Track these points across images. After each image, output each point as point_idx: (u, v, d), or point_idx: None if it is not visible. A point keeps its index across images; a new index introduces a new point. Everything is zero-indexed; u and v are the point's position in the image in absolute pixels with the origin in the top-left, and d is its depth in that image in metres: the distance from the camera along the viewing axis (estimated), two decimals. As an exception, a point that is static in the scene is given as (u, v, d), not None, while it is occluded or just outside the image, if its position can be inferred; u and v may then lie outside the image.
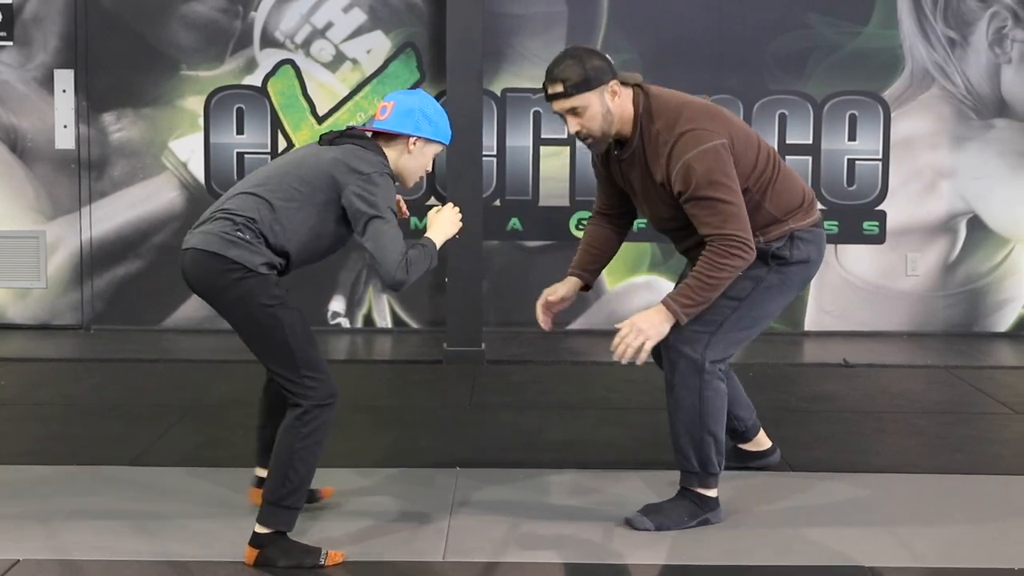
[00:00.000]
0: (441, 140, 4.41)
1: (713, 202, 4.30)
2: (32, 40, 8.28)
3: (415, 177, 4.43)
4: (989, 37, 8.26)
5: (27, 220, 8.38)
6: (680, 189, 4.32)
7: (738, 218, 4.33)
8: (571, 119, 4.42)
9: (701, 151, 4.31)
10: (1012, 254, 8.43)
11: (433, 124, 4.35)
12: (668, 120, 4.42)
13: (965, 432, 6.05)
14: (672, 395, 4.57)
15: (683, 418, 4.55)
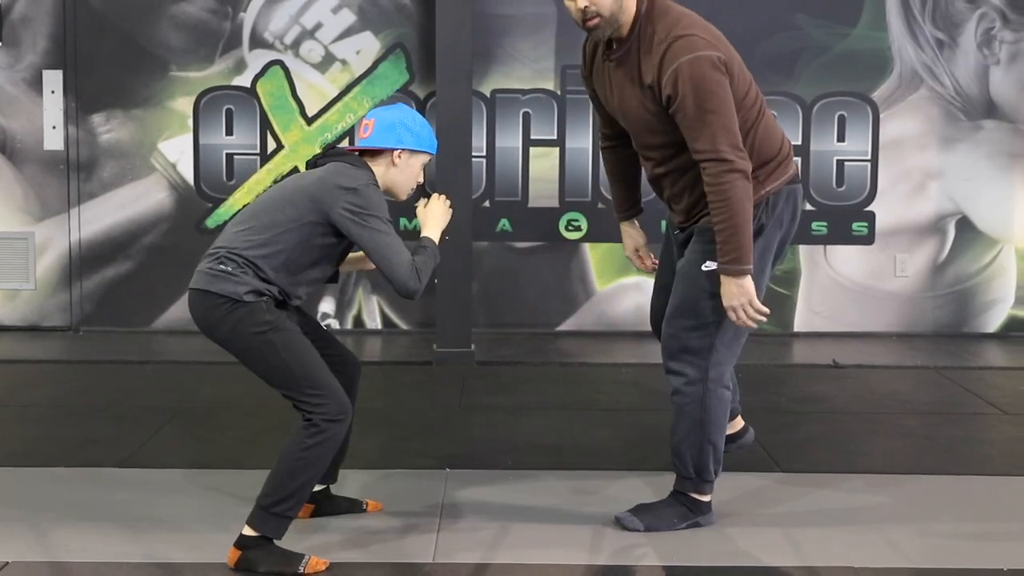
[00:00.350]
0: (426, 149, 4.38)
1: (703, 113, 4.18)
2: (21, 41, 8.26)
3: (406, 190, 4.41)
4: (977, 38, 8.27)
5: (16, 221, 8.36)
6: (670, 93, 4.19)
7: (730, 131, 4.21)
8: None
9: (696, 57, 4.20)
10: (1000, 255, 8.44)
11: (415, 135, 4.34)
12: (667, 23, 4.30)
13: (954, 433, 6.05)
14: (675, 403, 4.51)
15: (684, 426, 4.49)
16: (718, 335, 4.44)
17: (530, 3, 8.22)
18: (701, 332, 4.43)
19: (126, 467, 5.33)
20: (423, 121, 4.42)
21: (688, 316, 4.44)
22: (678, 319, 4.47)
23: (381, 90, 8.25)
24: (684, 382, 4.46)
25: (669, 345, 4.49)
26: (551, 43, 8.21)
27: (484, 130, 8.25)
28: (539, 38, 8.24)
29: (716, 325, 4.42)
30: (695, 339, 4.43)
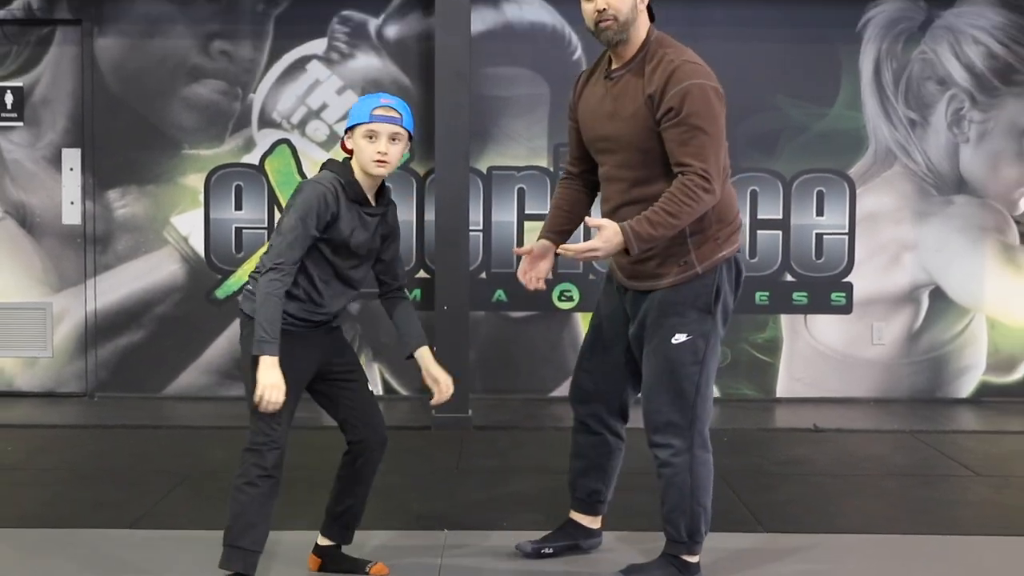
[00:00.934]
0: (356, 122, 4.31)
1: (700, 132, 4.18)
2: (41, 120, 8.32)
3: (366, 162, 4.28)
4: (948, 118, 8.34)
5: (35, 292, 8.38)
6: (673, 106, 4.17)
7: (717, 158, 4.21)
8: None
9: (705, 84, 4.23)
10: (972, 323, 8.46)
11: (350, 116, 4.35)
12: (678, 50, 4.35)
13: (929, 494, 6.05)
14: (663, 475, 4.46)
15: (675, 495, 4.45)
16: (698, 402, 4.42)
17: (524, 85, 8.29)
18: (683, 403, 4.39)
19: (137, 528, 5.31)
20: (361, 99, 4.39)
21: (669, 391, 4.39)
22: (659, 395, 4.41)
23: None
24: (671, 453, 4.42)
25: (653, 420, 4.44)
26: (544, 123, 8.27)
27: (481, 205, 8.30)
28: (533, 118, 8.30)
29: (695, 394, 4.40)
30: (678, 411, 4.40)
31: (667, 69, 4.25)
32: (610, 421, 4.74)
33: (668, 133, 4.21)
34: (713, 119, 4.22)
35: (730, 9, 8.31)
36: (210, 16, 8.26)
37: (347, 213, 4.28)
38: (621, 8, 4.27)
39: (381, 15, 8.30)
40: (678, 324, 4.35)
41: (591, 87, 4.55)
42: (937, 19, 8.33)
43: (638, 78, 4.33)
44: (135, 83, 8.29)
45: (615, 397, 4.71)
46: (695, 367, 4.38)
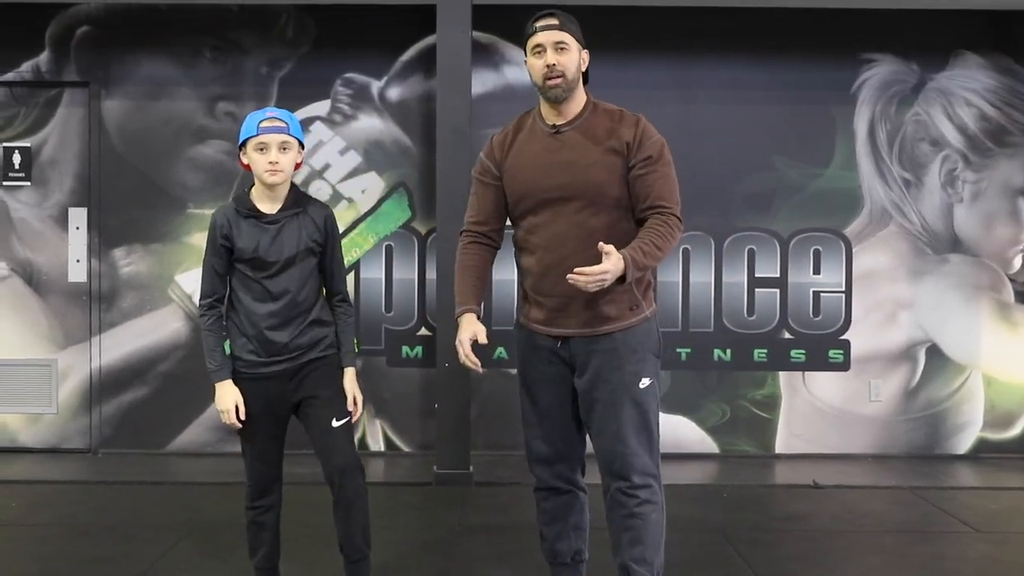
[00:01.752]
0: (243, 137, 4.48)
1: (672, 180, 4.40)
2: (49, 180, 8.33)
3: (263, 175, 4.43)
4: (941, 178, 8.35)
5: (41, 349, 8.34)
6: (651, 153, 4.36)
7: (680, 207, 4.41)
8: (552, 52, 4.38)
9: (663, 140, 4.45)
10: (969, 380, 8.42)
11: (239, 136, 4.51)
12: (620, 109, 4.51)
13: (928, 550, 5.98)
14: (641, 514, 4.38)
15: (652, 532, 4.39)
16: (657, 440, 4.46)
17: (524, 146, 8.29)
18: (651, 442, 4.42)
19: (138, 584, 5.26)
20: (248, 117, 4.52)
21: (642, 433, 4.38)
22: (635, 438, 4.37)
23: (385, 226, 8.29)
24: (651, 493, 4.40)
25: (631, 463, 4.37)
26: (544, 182, 8.27)
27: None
28: (533, 178, 8.29)
29: (656, 434, 4.45)
30: (650, 453, 4.41)
31: (638, 123, 4.43)
32: (573, 477, 4.70)
33: (645, 178, 4.35)
34: (673, 174, 4.46)
35: (726, 71, 8.34)
36: (215, 78, 8.29)
37: (244, 227, 4.45)
38: (569, 67, 4.38)
39: (383, 77, 8.33)
40: (641, 369, 4.39)
41: (525, 145, 4.51)
42: (930, 81, 8.36)
43: (598, 128, 4.42)
44: (141, 143, 8.31)
45: (574, 453, 4.66)
46: (657, 408, 4.46)
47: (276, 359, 4.51)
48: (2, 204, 8.31)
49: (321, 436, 4.58)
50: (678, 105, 8.33)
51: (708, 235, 8.34)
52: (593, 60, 4.57)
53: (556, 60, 4.36)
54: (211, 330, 4.49)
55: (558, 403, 4.57)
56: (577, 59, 4.41)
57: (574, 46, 4.41)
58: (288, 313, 4.49)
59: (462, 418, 7.52)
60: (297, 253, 4.49)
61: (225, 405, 4.46)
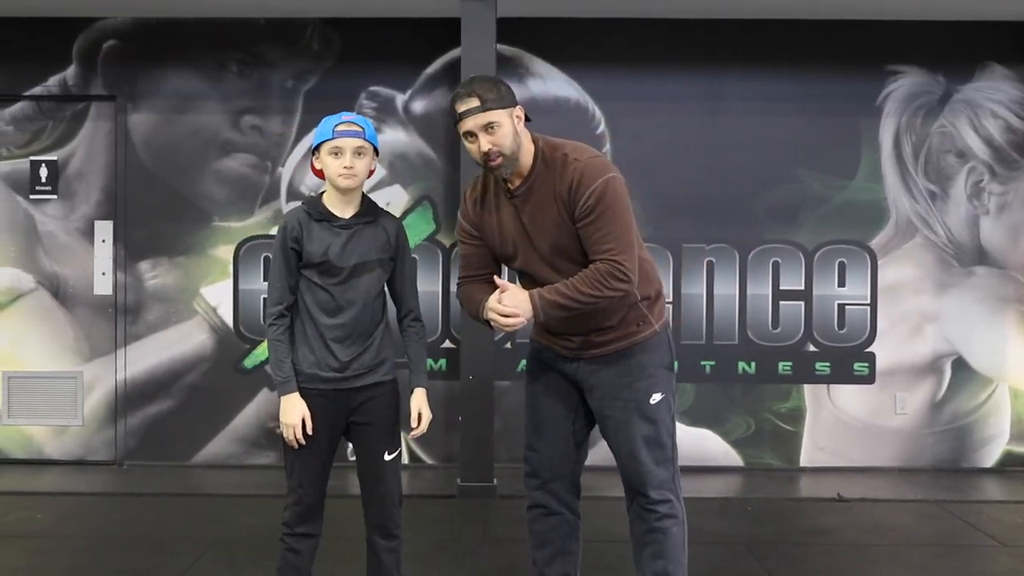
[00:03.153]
0: (318, 140, 4.41)
1: (618, 224, 4.17)
2: (75, 193, 8.41)
3: (334, 179, 4.37)
4: (967, 190, 8.35)
5: (66, 361, 8.41)
6: (592, 204, 4.14)
7: (632, 252, 4.20)
8: (483, 136, 4.20)
9: (613, 177, 4.20)
10: (995, 393, 8.41)
11: (313, 139, 4.44)
12: (574, 147, 4.31)
13: (955, 564, 5.98)
14: (662, 528, 4.40)
15: (673, 547, 4.40)
16: (675, 455, 4.47)
17: (548, 158, 8.32)
18: (666, 457, 4.42)
19: (165, 596, 5.30)
20: (324, 119, 4.44)
21: (656, 449, 4.39)
22: (648, 454, 4.39)
23: (409, 239, 8.31)
24: (670, 508, 4.41)
25: (647, 479, 4.40)
26: (568, 195, 8.30)
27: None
28: (557, 190, 8.32)
29: (672, 448, 4.46)
30: (666, 467, 4.42)
31: (576, 170, 4.22)
32: (567, 498, 4.68)
33: (586, 230, 4.21)
34: (625, 210, 4.23)
35: (752, 83, 8.36)
36: (241, 92, 8.36)
37: (315, 231, 4.35)
38: (504, 143, 4.22)
39: (408, 90, 8.38)
40: (652, 385, 4.39)
41: (492, 207, 4.48)
42: (956, 93, 8.37)
43: (548, 190, 4.30)
44: (167, 157, 8.38)
45: (568, 473, 4.65)
46: (671, 423, 4.45)
47: (337, 375, 4.39)
48: (29, 217, 8.39)
49: (372, 466, 4.49)
50: (704, 117, 8.35)
51: (733, 247, 8.35)
52: (620, 73, 4.58)
53: (490, 144, 4.21)
54: (280, 340, 4.31)
55: (558, 420, 4.58)
56: (511, 129, 4.23)
57: (504, 118, 4.22)
58: (354, 327, 4.39)
59: (485, 431, 7.55)
60: (367, 262, 4.40)
61: (292, 419, 4.28)
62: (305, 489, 4.36)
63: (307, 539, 4.39)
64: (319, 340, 4.35)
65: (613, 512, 6.76)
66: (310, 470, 4.36)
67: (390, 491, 4.48)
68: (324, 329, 4.35)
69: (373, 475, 4.48)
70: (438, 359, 8.38)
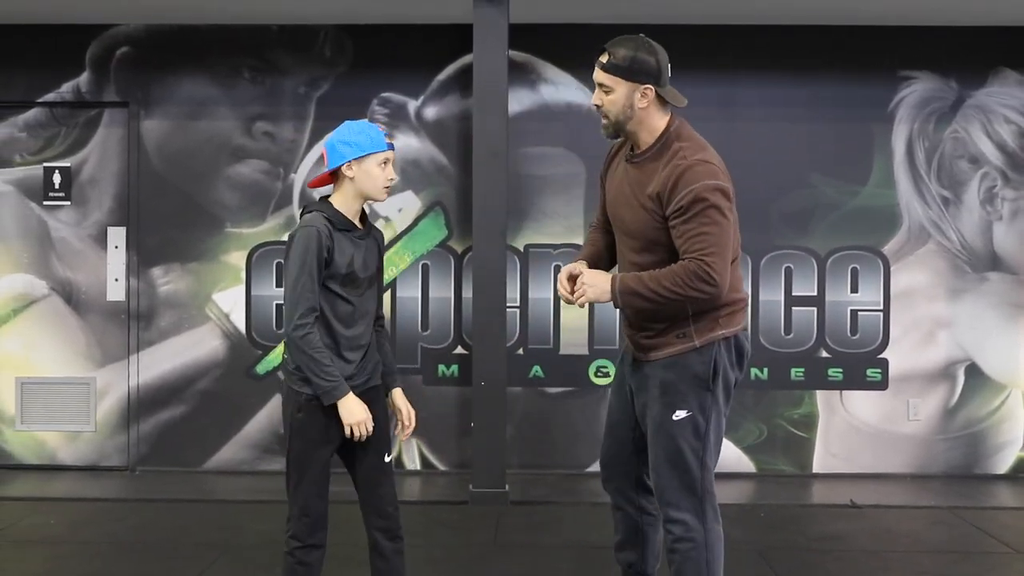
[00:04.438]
0: (370, 151, 4.36)
1: (712, 229, 4.18)
2: (88, 200, 8.45)
3: (377, 190, 4.39)
4: (980, 196, 8.35)
5: (79, 367, 8.45)
6: (682, 205, 4.17)
7: (724, 256, 4.20)
8: (598, 91, 4.39)
9: (717, 185, 4.20)
10: (1009, 399, 8.41)
11: (353, 144, 4.36)
12: (695, 145, 4.36)
13: (968, 571, 5.98)
14: (679, 551, 4.38)
15: (690, 570, 4.37)
16: (704, 476, 4.39)
17: (560, 164, 8.36)
18: (690, 478, 4.36)
19: (178, 602, 5.33)
20: (360, 128, 4.41)
21: (676, 467, 4.35)
22: (667, 471, 4.37)
23: (421, 245, 8.37)
24: (685, 530, 4.36)
25: (664, 497, 4.39)
26: (580, 200, 8.33)
27: (518, 282, 8.34)
28: (569, 196, 8.36)
29: (700, 468, 4.38)
30: (686, 488, 4.36)
31: (678, 167, 4.26)
32: (631, 495, 4.72)
33: (678, 228, 4.24)
34: (723, 218, 4.22)
35: (764, 89, 8.38)
36: (253, 98, 8.40)
37: (341, 242, 4.33)
38: (612, 109, 4.37)
39: (420, 96, 8.41)
40: (678, 401, 4.35)
41: (617, 166, 4.62)
42: (968, 99, 8.37)
43: (653, 170, 4.37)
44: (179, 163, 8.42)
45: (629, 472, 4.69)
46: (697, 443, 4.36)
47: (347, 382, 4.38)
48: (42, 223, 8.43)
49: (373, 469, 4.51)
50: (717, 123, 8.35)
51: (745, 253, 8.36)
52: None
53: (598, 100, 4.40)
54: (320, 347, 4.24)
55: (621, 423, 4.66)
56: (625, 99, 4.34)
57: (620, 86, 4.34)
58: (365, 336, 4.45)
59: (498, 437, 7.57)
60: (374, 272, 4.49)
61: (362, 415, 4.29)
62: (314, 500, 4.36)
63: (317, 550, 4.39)
64: (334, 350, 4.34)
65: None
66: (318, 480, 4.35)
67: (391, 492, 4.52)
68: (341, 339, 4.35)
69: (376, 478, 4.51)
70: (450, 365, 8.40)
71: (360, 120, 4.48)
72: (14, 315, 8.45)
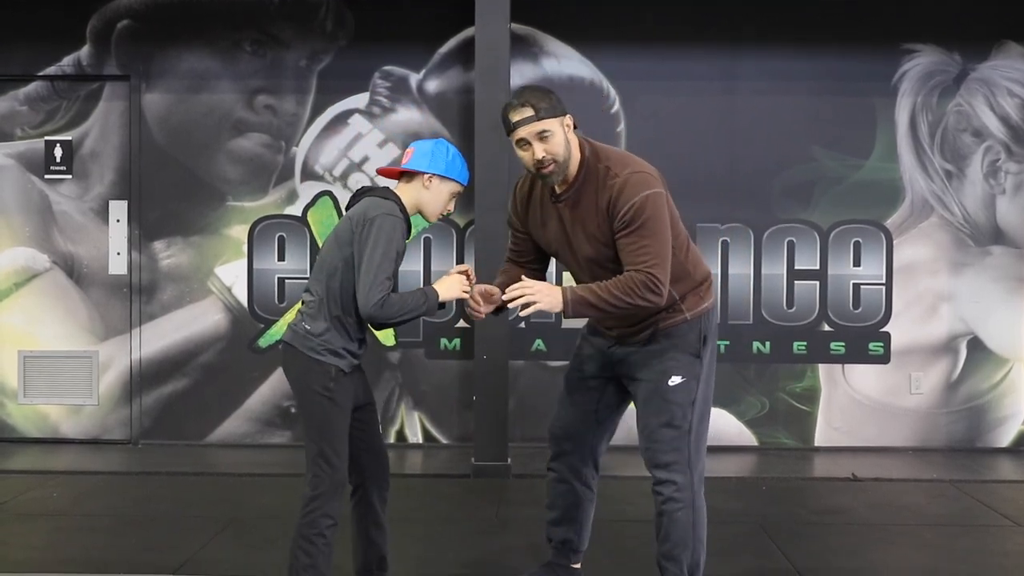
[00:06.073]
0: (455, 178, 4.54)
1: (654, 239, 4.33)
2: (90, 173, 8.44)
3: (436, 212, 4.57)
4: (984, 169, 8.34)
5: (81, 341, 8.46)
6: (626, 219, 4.32)
7: (665, 265, 4.36)
8: (537, 144, 4.39)
9: (653, 194, 4.36)
10: (1011, 373, 8.41)
11: (447, 164, 4.50)
12: (617, 160, 4.48)
13: (969, 544, 5.99)
14: (666, 512, 4.55)
15: (678, 531, 4.54)
16: (692, 439, 4.56)
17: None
18: (681, 441, 4.54)
19: (182, 574, 5.34)
20: (457, 154, 4.57)
21: (669, 428, 4.53)
22: (659, 432, 4.55)
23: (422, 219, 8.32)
24: (675, 489, 4.53)
25: (656, 459, 4.57)
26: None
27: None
28: (571, 170, 8.34)
29: (689, 431, 4.56)
30: (677, 450, 4.54)
31: (613, 187, 4.39)
32: (581, 471, 4.92)
33: (623, 241, 4.38)
34: (663, 226, 4.39)
35: (766, 62, 8.35)
36: (255, 71, 8.38)
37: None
38: (557, 151, 4.42)
39: (422, 70, 8.39)
40: (673, 367, 4.55)
41: (538, 207, 4.68)
42: (972, 72, 8.35)
43: (590, 199, 4.47)
44: (181, 137, 8.41)
45: (586, 448, 4.89)
46: (690, 408, 4.55)
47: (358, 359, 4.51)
48: (44, 197, 8.43)
49: (377, 438, 4.66)
50: (719, 96, 8.35)
51: (748, 227, 8.36)
52: (636, 51, 4.64)
53: (543, 151, 4.40)
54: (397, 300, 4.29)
55: (584, 394, 4.84)
56: (563, 137, 4.43)
57: (556, 126, 4.41)
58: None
59: (500, 410, 7.58)
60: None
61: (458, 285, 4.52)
62: (345, 474, 4.41)
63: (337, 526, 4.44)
64: (356, 328, 4.42)
65: (629, 492, 6.81)
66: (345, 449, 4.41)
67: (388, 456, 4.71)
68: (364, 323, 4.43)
69: (379, 443, 4.65)
70: (452, 339, 8.41)
71: (452, 146, 4.59)
72: (16, 289, 8.46)
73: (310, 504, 4.33)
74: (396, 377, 8.39)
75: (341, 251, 4.37)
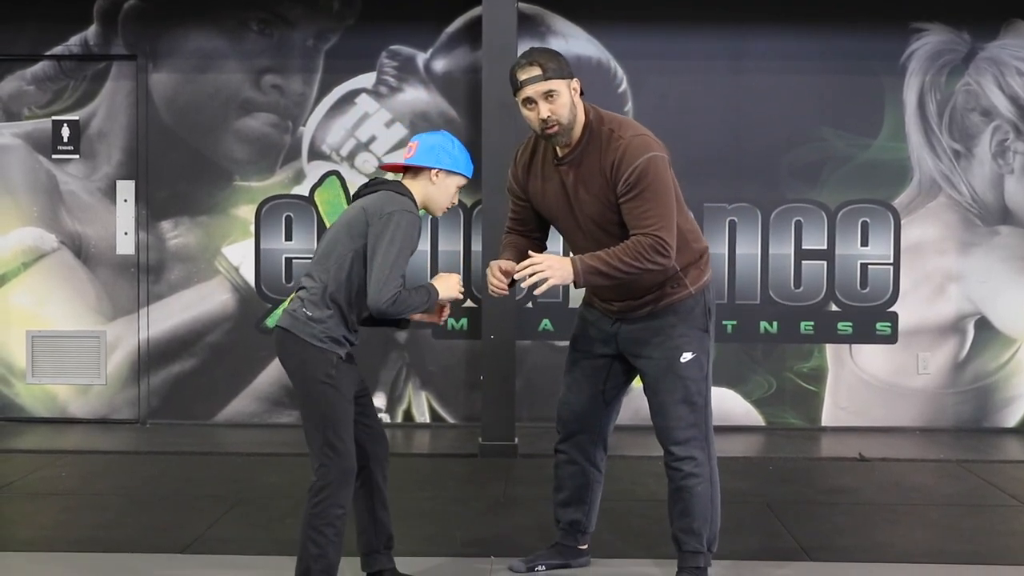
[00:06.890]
0: (461, 172, 4.54)
1: (659, 202, 4.35)
2: (97, 153, 8.44)
3: (442, 207, 4.57)
4: (992, 149, 8.31)
5: (89, 321, 8.47)
6: (630, 182, 4.33)
7: (671, 228, 4.37)
8: (543, 104, 4.41)
9: (656, 156, 4.39)
10: (1018, 353, 8.40)
11: (452, 157, 4.50)
12: (620, 124, 4.51)
13: (976, 524, 5.99)
14: (686, 487, 4.60)
15: (698, 505, 4.60)
16: (707, 414, 4.64)
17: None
18: (697, 416, 4.60)
19: (190, 553, 5.35)
20: (461, 147, 4.58)
21: (684, 406, 4.58)
22: (676, 411, 4.59)
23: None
24: (695, 465, 4.59)
25: (673, 436, 4.61)
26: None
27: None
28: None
29: (704, 407, 4.63)
30: (694, 425, 4.60)
31: (618, 149, 4.41)
32: (590, 452, 4.95)
33: (628, 205, 4.39)
34: (667, 188, 4.41)
35: (775, 41, 8.33)
36: (261, 51, 8.36)
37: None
38: (563, 112, 4.43)
39: (429, 49, 8.37)
40: (684, 344, 4.58)
41: (540, 172, 4.67)
42: (981, 51, 8.31)
43: (593, 162, 4.48)
44: (188, 116, 8.40)
45: (595, 428, 4.92)
46: (703, 382, 4.62)
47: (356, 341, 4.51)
48: (51, 177, 8.43)
49: (377, 422, 4.65)
50: (727, 75, 8.33)
51: (755, 207, 8.34)
52: (642, 31, 4.64)
53: (549, 111, 4.42)
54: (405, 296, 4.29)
55: (591, 376, 4.85)
56: (569, 98, 4.46)
57: (563, 87, 4.44)
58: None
59: (507, 390, 7.58)
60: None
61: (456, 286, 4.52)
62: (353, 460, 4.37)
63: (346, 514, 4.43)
64: (357, 318, 4.43)
65: (637, 472, 6.82)
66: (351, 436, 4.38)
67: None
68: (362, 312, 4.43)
69: (380, 426, 4.65)
70: (459, 319, 8.41)
71: (455, 138, 4.61)
72: (24, 268, 8.47)
73: (320, 494, 4.29)
74: (403, 357, 8.39)
75: (353, 242, 4.32)
